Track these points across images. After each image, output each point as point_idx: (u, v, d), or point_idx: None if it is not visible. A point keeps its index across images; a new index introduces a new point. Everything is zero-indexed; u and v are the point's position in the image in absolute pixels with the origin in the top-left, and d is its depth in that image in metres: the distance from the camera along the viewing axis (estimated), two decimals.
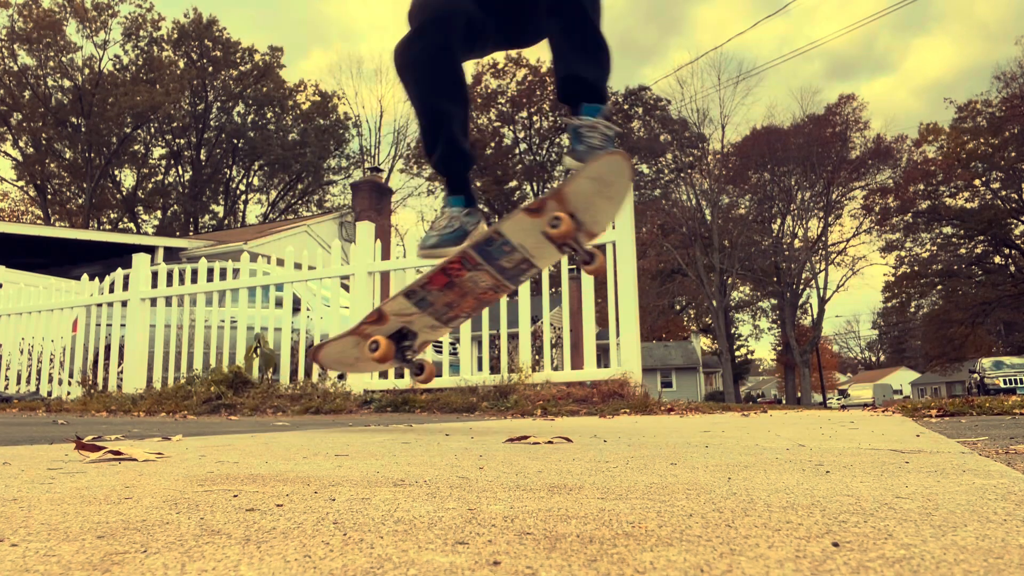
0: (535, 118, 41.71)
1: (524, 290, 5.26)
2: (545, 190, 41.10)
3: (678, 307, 47.41)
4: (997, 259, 39.15)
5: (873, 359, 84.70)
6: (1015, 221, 37.23)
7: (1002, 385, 23.71)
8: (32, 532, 0.59)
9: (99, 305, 7.18)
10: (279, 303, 6.41)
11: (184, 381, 6.01)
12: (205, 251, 15.69)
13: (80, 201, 38.60)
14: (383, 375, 5.66)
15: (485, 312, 2.63)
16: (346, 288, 6.50)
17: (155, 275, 6.78)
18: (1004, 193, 37.43)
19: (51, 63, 36.74)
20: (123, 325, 6.96)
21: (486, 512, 0.69)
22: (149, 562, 0.48)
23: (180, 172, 41.32)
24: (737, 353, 46.14)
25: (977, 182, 37.43)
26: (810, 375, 38.46)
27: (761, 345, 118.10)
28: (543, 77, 41.23)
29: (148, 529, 0.60)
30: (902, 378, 66.07)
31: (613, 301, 4.94)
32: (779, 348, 42.79)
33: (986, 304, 36.38)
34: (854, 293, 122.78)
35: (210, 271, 6.46)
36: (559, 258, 2.33)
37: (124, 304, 6.96)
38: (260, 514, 0.68)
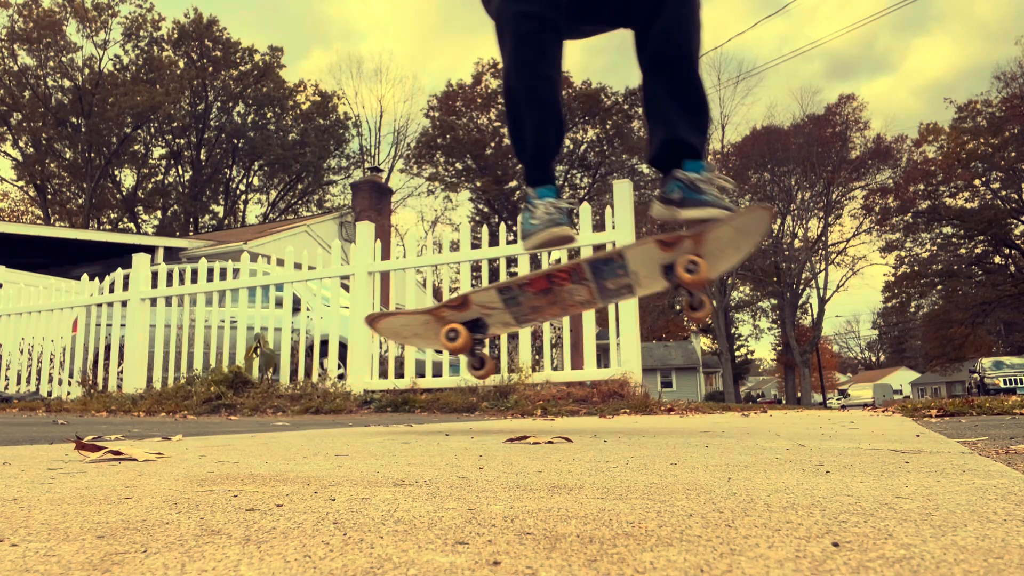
0: None
1: None
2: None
3: (678, 307, 47.33)
4: (997, 259, 39.14)
5: (873, 359, 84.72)
6: (1015, 221, 37.22)
7: (1002, 385, 23.71)
8: (32, 532, 0.59)
9: (99, 305, 7.18)
10: (279, 303, 6.41)
11: (184, 381, 6.01)
12: (205, 251, 15.69)
13: (80, 201, 38.60)
14: (383, 375, 5.66)
15: None
16: (346, 288, 6.50)
17: (155, 275, 6.79)
18: (1004, 193, 37.42)
19: (51, 63, 36.74)
20: (123, 325, 6.96)
21: (486, 512, 0.69)
22: (149, 562, 0.48)
23: (180, 172, 41.33)
24: (737, 353, 46.14)
25: (977, 182, 37.42)
26: (810, 375, 38.45)
27: (761, 345, 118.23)
28: None
29: (148, 529, 0.60)
30: (902, 378, 66.07)
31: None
32: (779, 348, 42.79)
33: (986, 304, 36.38)
34: (854, 293, 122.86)
35: (210, 271, 6.46)
36: (659, 290, 2.32)
37: (124, 304, 6.96)
38: (260, 514, 0.68)
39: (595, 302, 2.17)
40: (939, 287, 40.19)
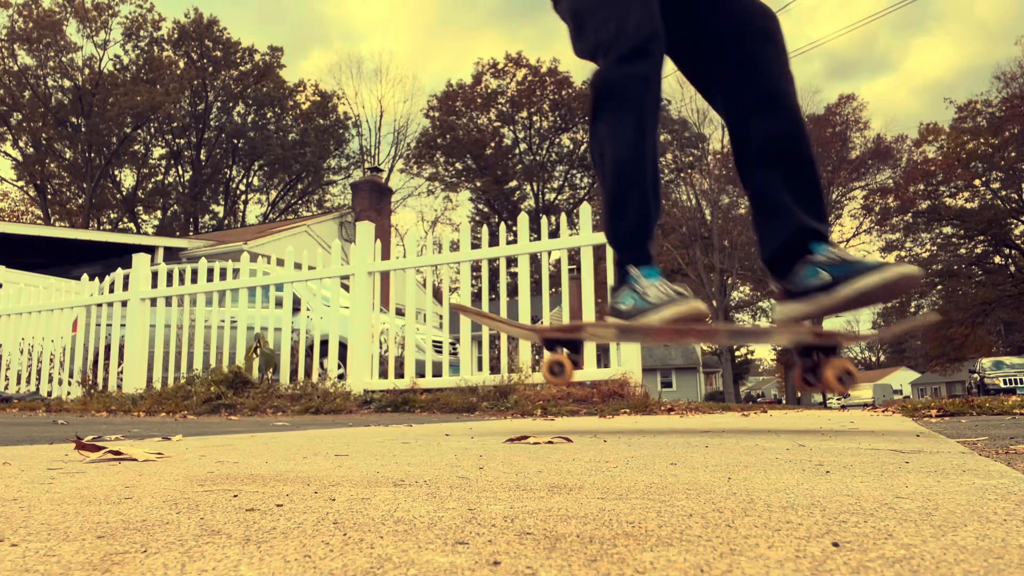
0: (535, 118, 41.71)
1: (524, 290, 5.25)
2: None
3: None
4: (997, 259, 39.16)
5: (873, 359, 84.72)
6: (1015, 221, 37.24)
7: (1002, 385, 23.72)
8: (32, 532, 0.59)
9: (99, 305, 7.18)
10: (279, 303, 6.41)
11: (184, 381, 6.01)
12: (205, 251, 15.70)
13: (80, 201, 38.61)
14: (383, 375, 5.66)
15: None
16: (346, 288, 6.50)
17: (155, 275, 6.79)
18: (1004, 193, 37.45)
19: (51, 63, 36.77)
20: (123, 325, 6.96)
21: (486, 512, 0.69)
22: (149, 562, 0.48)
23: (180, 172, 41.35)
24: (737, 353, 46.16)
25: (977, 182, 37.45)
26: None
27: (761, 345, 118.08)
28: (543, 77, 41.20)
29: (148, 529, 0.60)
30: (902, 378, 66.04)
31: None
32: (779, 348, 42.78)
33: (986, 304, 36.40)
34: None
35: (210, 271, 6.47)
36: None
37: (124, 304, 6.97)
38: (260, 514, 0.68)
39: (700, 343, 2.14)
40: (939, 287, 40.20)
